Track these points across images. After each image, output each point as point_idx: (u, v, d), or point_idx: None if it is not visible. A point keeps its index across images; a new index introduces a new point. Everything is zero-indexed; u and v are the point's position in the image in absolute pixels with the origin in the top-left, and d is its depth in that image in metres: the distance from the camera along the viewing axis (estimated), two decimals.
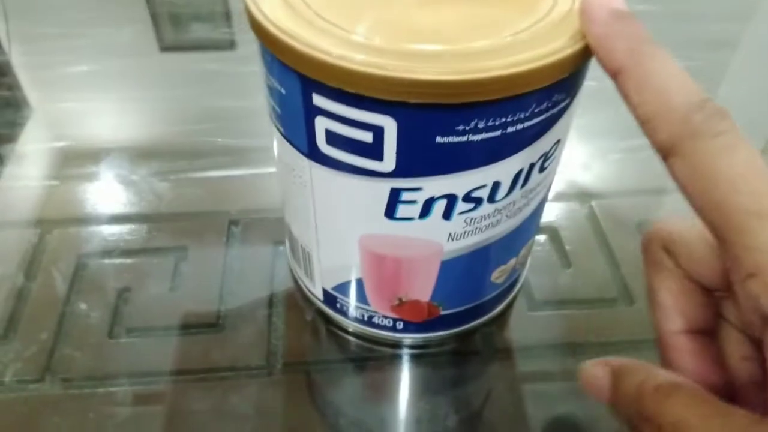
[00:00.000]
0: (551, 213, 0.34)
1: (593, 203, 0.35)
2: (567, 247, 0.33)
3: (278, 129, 0.22)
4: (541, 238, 0.33)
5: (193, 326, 0.28)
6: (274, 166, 0.36)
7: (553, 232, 0.33)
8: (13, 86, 0.42)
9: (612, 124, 0.41)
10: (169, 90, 0.43)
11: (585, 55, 0.18)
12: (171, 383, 0.26)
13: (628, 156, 0.39)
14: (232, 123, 0.40)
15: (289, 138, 0.22)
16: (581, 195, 0.36)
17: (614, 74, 0.16)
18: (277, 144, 0.23)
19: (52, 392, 0.26)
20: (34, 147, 0.38)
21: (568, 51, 0.17)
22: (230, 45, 0.48)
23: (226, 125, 0.40)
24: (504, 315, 0.29)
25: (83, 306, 0.29)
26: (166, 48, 0.47)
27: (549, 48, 0.17)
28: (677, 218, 0.19)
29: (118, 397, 0.26)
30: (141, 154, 0.37)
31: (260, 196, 0.35)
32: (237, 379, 0.26)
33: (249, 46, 0.47)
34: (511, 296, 0.29)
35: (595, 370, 0.19)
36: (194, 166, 0.36)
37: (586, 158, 0.38)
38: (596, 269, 0.32)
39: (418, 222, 0.21)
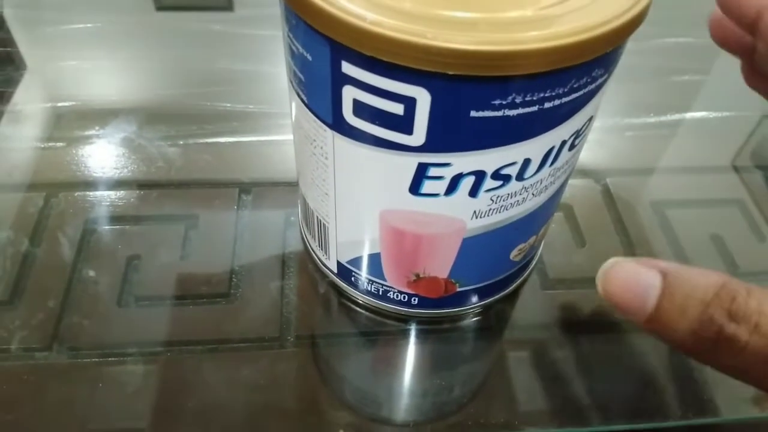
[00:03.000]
0: (566, 190, 0.34)
1: (608, 180, 0.35)
2: (581, 225, 0.32)
3: (299, 96, 0.21)
4: (556, 215, 0.32)
5: (204, 296, 0.28)
6: (285, 133, 0.35)
7: (567, 210, 0.33)
8: (8, 43, 0.41)
9: (627, 101, 0.40)
10: (169, 50, 0.42)
11: (632, 27, 0.17)
12: (181, 353, 0.26)
13: (643, 133, 0.38)
14: (237, 87, 0.39)
15: (311, 107, 0.21)
16: (596, 172, 0.35)
17: (754, 18, 0.19)
18: (296, 112, 0.23)
19: (59, 361, 0.25)
20: (34, 107, 0.37)
21: (617, 23, 0.16)
22: (228, 5, 0.46)
23: (231, 89, 0.38)
24: (518, 292, 0.29)
25: (91, 273, 0.28)
26: (162, 7, 0.45)
27: (595, 19, 0.16)
28: None
29: (127, 367, 0.25)
30: (147, 117, 0.36)
31: (272, 163, 0.34)
32: (249, 351, 0.26)
33: (247, 8, 0.46)
34: (526, 274, 0.29)
35: (642, 272, 0.16)
36: (203, 131, 0.35)
37: (601, 135, 0.38)
38: (610, 248, 0.31)
39: (443, 198, 0.21)
